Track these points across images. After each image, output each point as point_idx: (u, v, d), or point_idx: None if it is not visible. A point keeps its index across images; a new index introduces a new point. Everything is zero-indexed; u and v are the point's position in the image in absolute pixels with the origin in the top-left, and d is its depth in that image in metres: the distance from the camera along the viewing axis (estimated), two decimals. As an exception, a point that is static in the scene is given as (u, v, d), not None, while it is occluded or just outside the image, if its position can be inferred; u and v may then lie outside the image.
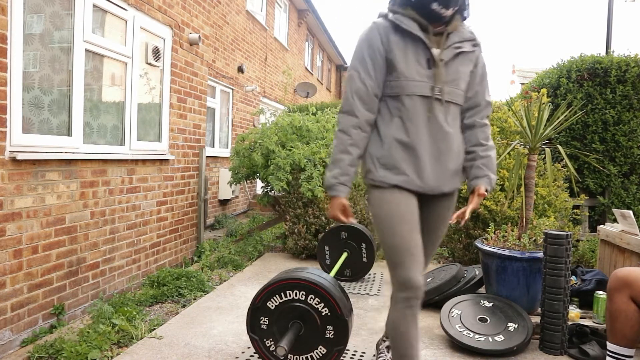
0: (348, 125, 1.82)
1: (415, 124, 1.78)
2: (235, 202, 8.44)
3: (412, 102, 1.77)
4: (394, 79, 1.80)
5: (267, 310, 2.26)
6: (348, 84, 1.85)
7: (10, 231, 2.60)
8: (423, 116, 1.78)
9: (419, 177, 1.80)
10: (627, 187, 4.89)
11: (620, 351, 2.18)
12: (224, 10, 8.05)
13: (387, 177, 1.81)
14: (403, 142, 1.79)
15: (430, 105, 1.78)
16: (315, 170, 4.88)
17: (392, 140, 1.80)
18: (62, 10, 2.98)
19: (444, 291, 3.32)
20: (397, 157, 1.80)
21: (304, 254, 5.03)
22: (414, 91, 1.77)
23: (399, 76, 1.78)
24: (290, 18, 12.94)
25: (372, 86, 1.81)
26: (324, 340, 2.21)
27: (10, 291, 2.62)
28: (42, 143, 2.82)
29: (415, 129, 1.78)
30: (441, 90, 1.77)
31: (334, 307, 2.18)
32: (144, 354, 2.60)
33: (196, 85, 4.82)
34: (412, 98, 1.77)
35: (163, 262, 4.29)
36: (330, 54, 19.57)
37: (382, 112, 1.85)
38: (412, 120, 1.78)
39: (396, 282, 1.82)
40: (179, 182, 4.51)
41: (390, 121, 1.82)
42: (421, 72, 1.77)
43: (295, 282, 2.22)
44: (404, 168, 1.79)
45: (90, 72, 3.29)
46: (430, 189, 1.82)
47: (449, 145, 1.83)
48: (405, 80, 1.77)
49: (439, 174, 1.83)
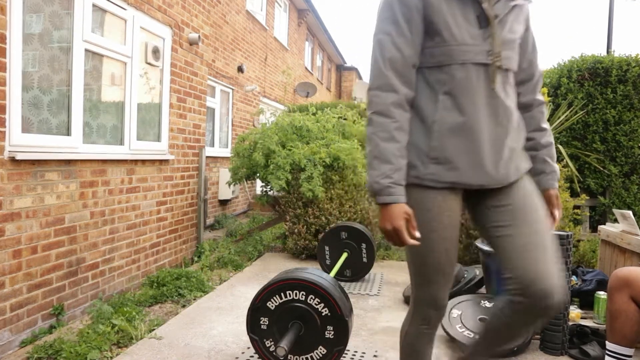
0: (387, 103, 1.41)
1: (471, 100, 1.41)
2: (235, 202, 8.44)
3: (465, 73, 1.41)
4: (436, 44, 1.42)
5: (267, 310, 2.26)
6: (377, 52, 1.45)
7: (9, 231, 2.59)
8: (480, 89, 1.42)
9: (480, 170, 1.43)
10: (628, 187, 4.88)
11: (620, 350, 2.18)
12: (224, 9, 8.04)
13: (439, 174, 1.43)
14: (457, 126, 1.41)
15: (487, 74, 1.42)
16: (316, 170, 4.87)
17: (442, 124, 1.42)
18: (62, 9, 2.98)
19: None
20: (450, 147, 1.42)
21: (304, 254, 5.03)
22: (467, 58, 1.40)
23: (445, 40, 1.41)
24: (290, 18, 12.93)
25: (410, 54, 1.43)
26: (324, 341, 2.20)
27: (10, 291, 2.61)
28: (42, 143, 2.82)
29: (473, 107, 1.41)
30: (498, 55, 1.42)
31: (334, 307, 2.17)
32: (144, 355, 2.59)
33: (196, 85, 4.81)
34: (466, 67, 1.40)
35: (163, 262, 4.28)
36: (330, 53, 19.57)
37: (420, 89, 1.47)
38: (467, 95, 1.41)
39: (421, 299, 1.57)
40: (178, 182, 4.50)
41: (434, 100, 1.44)
42: (473, 33, 1.40)
43: (295, 282, 2.21)
44: (460, 160, 1.42)
45: (90, 72, 3.28)
46: (496, 181, 1.45)
47: (511, 123, 1.48)
48: (455, 45, 1.40)
49: (505, 161, 1.45)
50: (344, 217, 4.94)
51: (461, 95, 1.42)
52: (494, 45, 1.41)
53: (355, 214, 5.02)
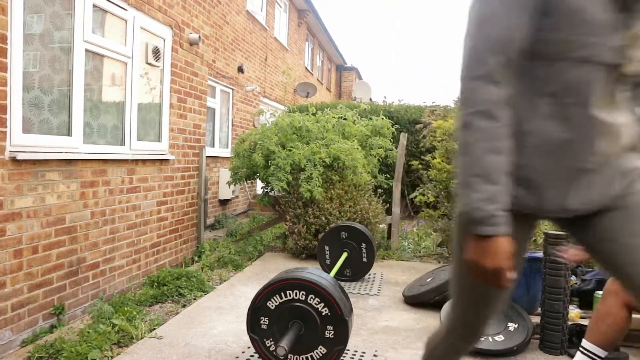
0: (491, 100, 1.04)
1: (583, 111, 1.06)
2: (235, 202, 8.45)
3: (585, 73, 1.04)
4: (553, 27, 1.03)
5: (267, 310, 2.26)
6: (475, 30, 1.07)
7: (10, 231, 2.60)
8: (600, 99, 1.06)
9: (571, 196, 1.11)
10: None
11: (596, 351, 2.18)
12: (224, 10, 8.05)
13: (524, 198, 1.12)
14: (559, 141, 1.08)
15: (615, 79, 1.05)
16: (315, 170, 4.88)
17: (539, 138, 1.09)
18: (62, 10, 2.98)
19: (443, 291, 3.33)
20: (541, 167, 1.10)
21: (304, 254, 5.03)
22: (593, 53, 1.02)
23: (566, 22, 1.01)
24: (290, 18, 12.94)
25: (520, 36, 1.04)
26: (324, 340, 2.21)
27: (11, 291, 2.62)
28: (42, 143, 2.82)
29: (584, 120, 1.06)
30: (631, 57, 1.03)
31: (334, 307, 2.18)
32: (144, 354, 2.60)
33: (196, 85, 4.82)
34: (590, 65, 1.03)
35: (163, 262, 4.29)
36: (330, 54, 19.56)
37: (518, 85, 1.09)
38: (581, 103, 1.06)
39: (462, 334, 1.40)
40: (179, 182, 4.51)
41: (535, 103, 1.09)
42: (605, 19, 1.00)
43: (295, 282, 2.22)
44: (549, 184, 1.11)
45: (90, 72, 3.29)
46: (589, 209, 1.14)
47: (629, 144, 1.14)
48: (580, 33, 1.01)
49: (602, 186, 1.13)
50: (344, 217, 4.95)
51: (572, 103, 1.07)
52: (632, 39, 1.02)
53: (355, 214, 5.03)
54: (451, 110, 6.01)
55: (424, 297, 3.42)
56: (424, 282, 3.62)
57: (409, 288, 3.68)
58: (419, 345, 2.80)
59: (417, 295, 3.47)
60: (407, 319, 3.24)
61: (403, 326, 3.11)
